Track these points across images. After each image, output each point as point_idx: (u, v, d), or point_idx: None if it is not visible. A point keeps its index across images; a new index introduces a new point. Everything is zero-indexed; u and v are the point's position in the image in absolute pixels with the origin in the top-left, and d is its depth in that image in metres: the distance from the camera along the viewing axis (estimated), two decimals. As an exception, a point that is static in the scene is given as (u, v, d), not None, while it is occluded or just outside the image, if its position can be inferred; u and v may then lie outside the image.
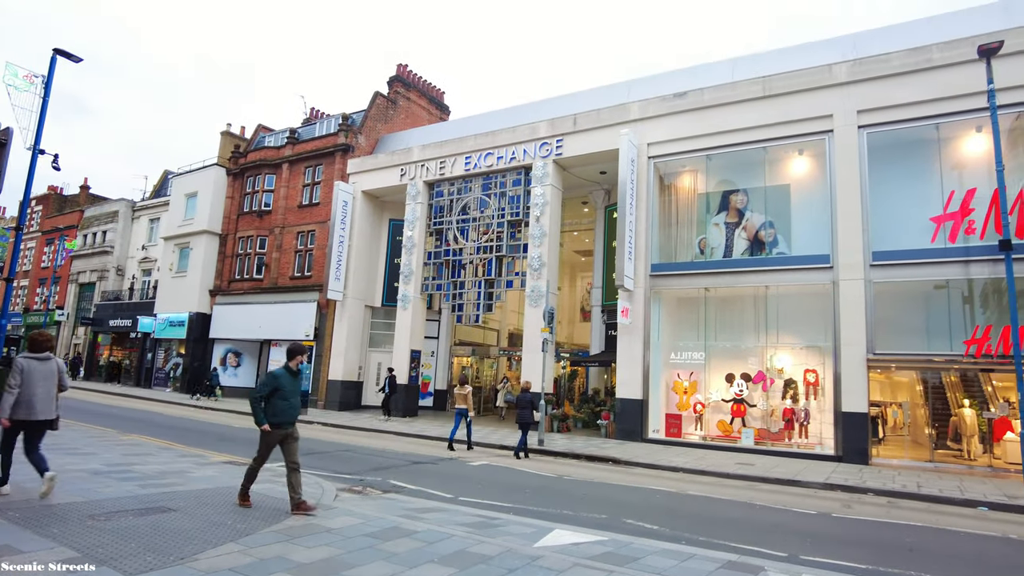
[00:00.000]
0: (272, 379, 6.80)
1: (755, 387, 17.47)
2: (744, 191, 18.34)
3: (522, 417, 14.43)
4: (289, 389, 6.85)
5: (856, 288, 15.49)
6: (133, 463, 9.16)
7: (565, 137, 20.74)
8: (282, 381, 6.80)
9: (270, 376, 6.83)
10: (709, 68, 20.66)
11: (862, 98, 16.20)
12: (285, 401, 6.79)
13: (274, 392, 6.75)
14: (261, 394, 6.72)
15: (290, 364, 7.01)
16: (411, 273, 23.42)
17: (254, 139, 33.92)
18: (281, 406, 6.77)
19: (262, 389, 6.74)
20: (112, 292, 37.94)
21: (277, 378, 6.80)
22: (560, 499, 8.99)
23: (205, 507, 6.75)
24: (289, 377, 6.90)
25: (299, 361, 7.08)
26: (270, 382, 6.78)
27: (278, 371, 6.91)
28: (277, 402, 6.75)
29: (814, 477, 12.33)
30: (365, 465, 11.34)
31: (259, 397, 6.71)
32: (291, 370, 6.97)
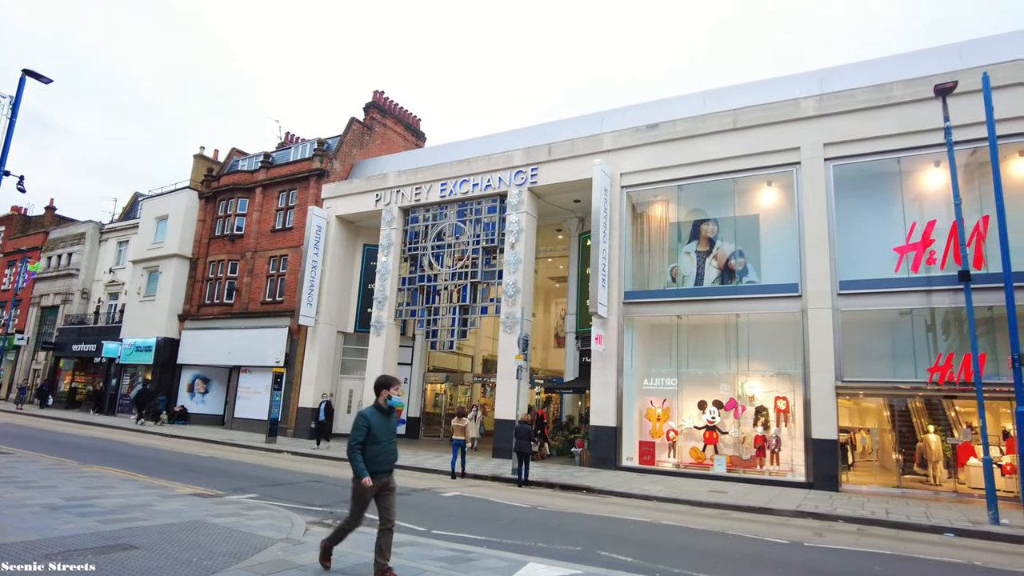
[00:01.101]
0: (364, 420, 5.83)
1: (727, 414, 17.62)
2: (715, 220, 18.69)
3: (520, 447, 14.76)
4: (382, 431, 5.91)
5: (824, 316, 15.81)
6: (94, 497, 8.85)
7: (540, 166, 20.98)
8: (373, 422, 5.85)
9: (360, 418, 5.87)
10: (681, 100, 21.15)
11: (828, 132, 16.70)
12: (378, 445, 5.85)
13: (367, 436, 5.83)
14: (358, 440, 5.77)
15: (379, 401, 6.02)
16: (385, 299, 23.29)
17: (227, 163, 33.66)
18: (373, 452, 5.82)
19: (358, 435, 5.79)
20: (76, 316, 36.99)
21: (368, 419, 5.85)
22: (534, 530, 8.91)
23: (171, 544, 6.54)
24: (380, 416, 5.95)
25: (388, 396, 6.03)
26: (362, 424, 5.82)
27: (367, 411, 5.95)
28: (369, 448, 5.81)
29: (786, 505, 12.42)
30: (336, 496, 11.12)
31: (357, 444, 5.76)
32: (381, 408, 6.00)
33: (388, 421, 5.99)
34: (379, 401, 6.01)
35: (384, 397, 6.00)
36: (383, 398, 6.00)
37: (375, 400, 6.06)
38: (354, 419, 5.94)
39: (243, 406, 27.24)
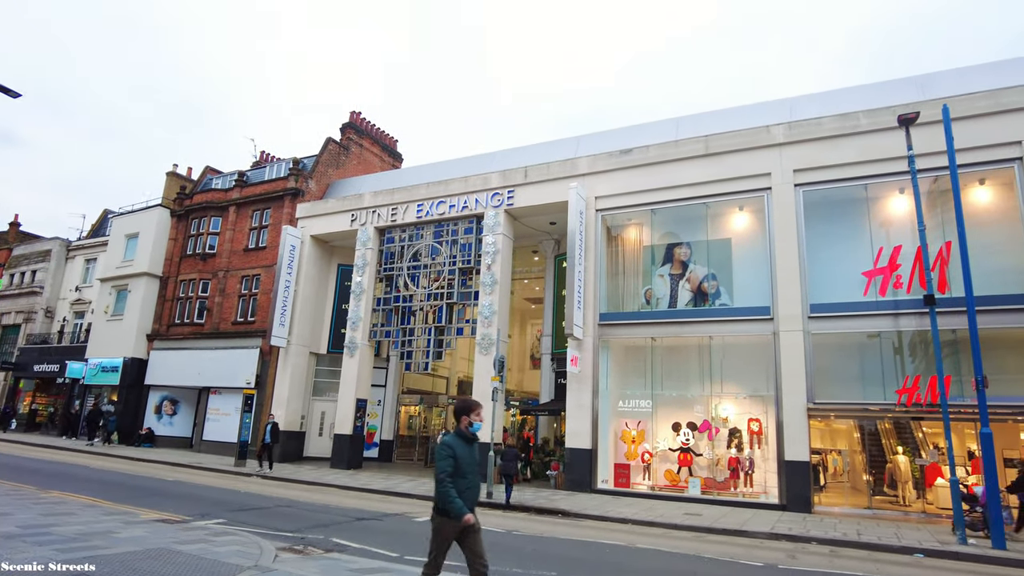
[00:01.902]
0: (449, 450, 5.19)
1: (701, 436, 17.71)
2: (688, 244, 18.96)
3: (507, 469, 15.21)
4: (468, 461, 5.26)
5: (795, 339, 16.06)
6: (52, 524, 8.53)
7: (516, 188, 21.12)
8: (459, 451, 5.20)
9: (444, 448, 5.23)
10: (654, 126, 21.54)
11: (798, 158, 17.13)
12: (464, 479, 5.20)
13: (454, 467, 5.18)
14: (448, 472, 5.13)
15: (460, 427, 5.39)
16: (359, 319, 23.08)
17: (201, 181, 33.29)
18: (460, 486, 5.16)
19: (446, 465, 5.15)
20: (39, 335, 35.97)
21: (453, 448, 5.19)
22: (509, 556, 8.81)
23: (132, 573, 6.31)
24: (464, 445, 5.29)
25: (469, 421, 5.38)
26: (448, 454, 5.17)
27: (450, 439, 5.30)
28: (457, 480, 5.17)
29: (760, 527, 12.47)
30: (306, 522, 10.89)
31: (448, 476, 5.12)
32: (464, 435, 5.34)
33: (472, 450, 5.35)
34: (460, 427, 5.37)
35: (466, 423, 5.36)
36: (464, 424, 5.37)
37: (456, 427, 5.44)
38: (437, 448, 5.33)
39: (212, 428, 26.63)
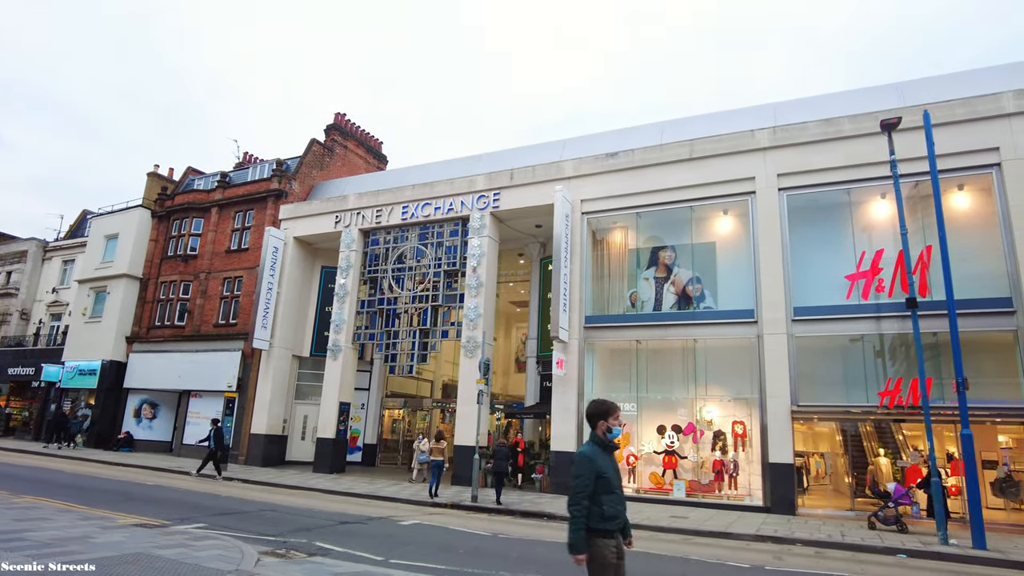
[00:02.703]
0: (589, 463, 4.40)
1: (685, 439, 17.75)
2: (672, 248, 19.03)
3: (498, 467, 15.75)
4: (613, 475, 4.49)
5: (779, 342, 16.16)
6: (26, 529, 8.31)
7: (502, 191, 21.09)
8: (601, 464, 4.44)
9: (584, 459, 4.43)
10: (639, 130, 21.63)
11: (782, 163, 17.28)
12: (611, 494, 4.41)
13: (597, 483, 4.38)
14: (586, 491, 4.32)
15: (597, 433, 4.62)
16: (343, 322, 22.89)
17: (183, 181, 32.86)
18: (608, 503, 4.38)
19: (584, 483, 4.33)
20: (14, 337, 35.27)
21: (593, 460, 4.42)
22: (494, 560, 8.73)
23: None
24: (605, 455, 4.55)
25: (607, 427, 4.61)
26: (589, 468, 4.38)
27: (588, 450, 4.52)
28: (601, 498, 4.37)
29: (745, 529, 12.51)
30: (289, 526, 10.73)
31: (583, 496, 4.32)
32: (602, 442, 4.59)
33: (612, 460, 4.61)
34: (597, 434, 4.60)
35: (603, 429, 4.59)
36: (602, 430, 4.59)
37: (591, 434, 4.65)
38: (576, 463, 4.48)
39: (193, 432, 26.21)
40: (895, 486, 13.58)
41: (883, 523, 13.28)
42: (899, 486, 13.65)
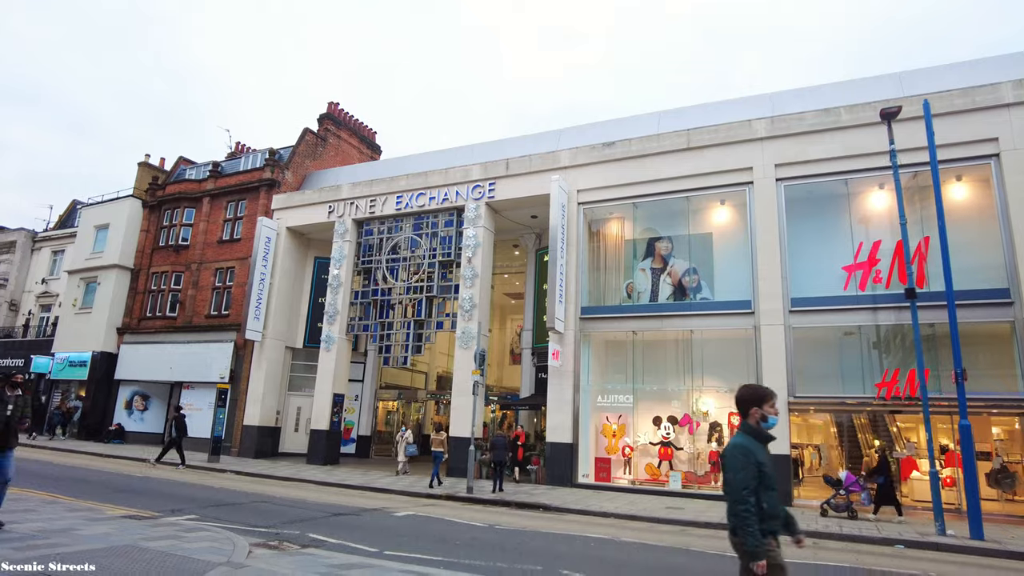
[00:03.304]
0: (747, 455, 3.95)
1: (681, 430, 17.68)
2: (669, 238, 18.90)
3: (498, 457, 16.26)
4: (770, 467, 4.03)
5: (776, 333, 16.07)
6: (9, 521, 8.07)
7: (498, 181, 20.89)
8: (761, 456, 3.99)
9: (741, 451, 3.98)
10: (636, 120, 21.43)
11: (779, 153, 17.13)
12: (772, 490, 3.97)
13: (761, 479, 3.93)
14: (750, 487, 3.89)
15: (750, 422, 4.14)
16: (336, 313, 22.68)
17: (174, 171, 32.47)
18: (768, 498, 3.94)
19: (746, 477, 3.90)
20: (3, 329, 34.87)
21: (753, 452, 3.97)
22: (492, 551, 8.61)
23: (96, 573, 5.97)
24: (763, 447, 4.08)
25: (761, 415, 4.11)
26: (747, 459, 3.94)
27: (744, 441, 4.06)
28: (761, 493, 3.93)
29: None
30: (282, 517, 10.57)
31: (749, 492, 3.89)
32: (759, 433, 4.12)
33: (768, 452, 4.12)
34: (750, 423, 4.13)
35: (757, 417, 4.11)
36: (756, 418, 4.12)
37: (742, 423, 4.20)
38: (730, 456, 4.04)
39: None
40: (846, 474, 13.87)
41: (835, 510, 13.53)
42: (850, 474, 13.90)
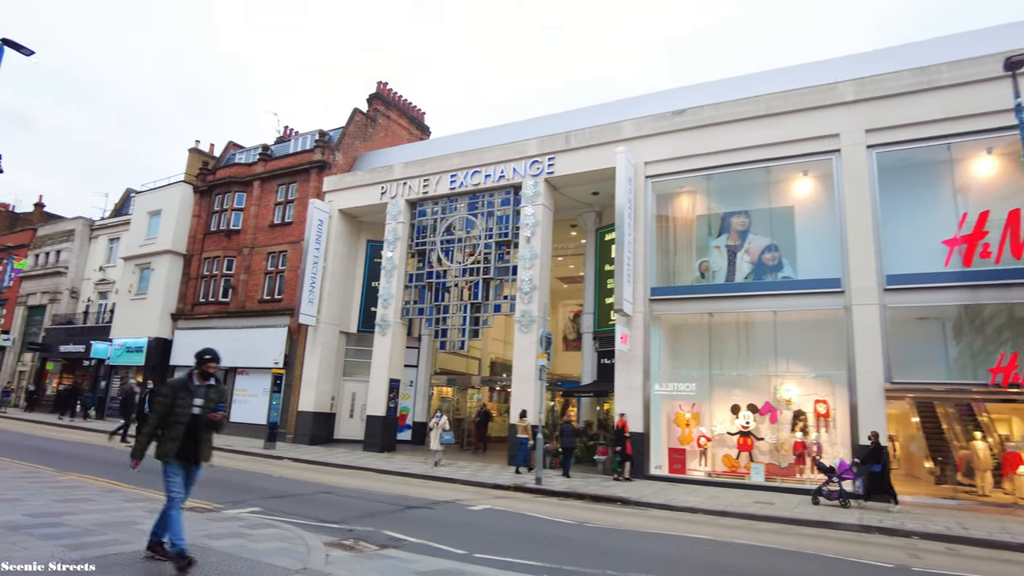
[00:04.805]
0: None
1: (762, 419, 16.44)
2: (746, 213, 17.56)
3: (566, 443, 16.61)
4: None
5: (870, 313, 14.66)
6: (66, 512, 7.52)
7: (557, 156, 19.79)
8: None
9: None
10: (704, 87, 20.07)
11: (870, 117, 15.62)
12: None
13: None
14: None
15: None
16: (390, 297, 22.00)
17: (224, 156, 32.30)
18: None
19: None
20: (64, 316, 35.49)
21: None
22: (591, 554, 7.64)
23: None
24: None
25: None
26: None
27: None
28: None
29: (845, 518, 11.25)
30: (350, 511, 9.82)
31: None
32: None
33: None
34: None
35: None
36: None
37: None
38: None
39: (240, 410, 25.82)
40: (840, 461, 13.44)
41: (827, 499, 13.13)
42: (844, 461, 13.40)
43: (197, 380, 5.82)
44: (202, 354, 5.86)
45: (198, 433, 5.75)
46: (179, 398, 5.68)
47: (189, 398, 5.70)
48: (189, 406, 5.68)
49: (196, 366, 5.84)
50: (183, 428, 5.65)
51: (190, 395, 5.72)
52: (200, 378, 5.84)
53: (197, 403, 5.71)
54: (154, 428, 5.68)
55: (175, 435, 5.62)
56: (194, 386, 5.77)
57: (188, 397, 5.70)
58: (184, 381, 5.78)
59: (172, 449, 5.61)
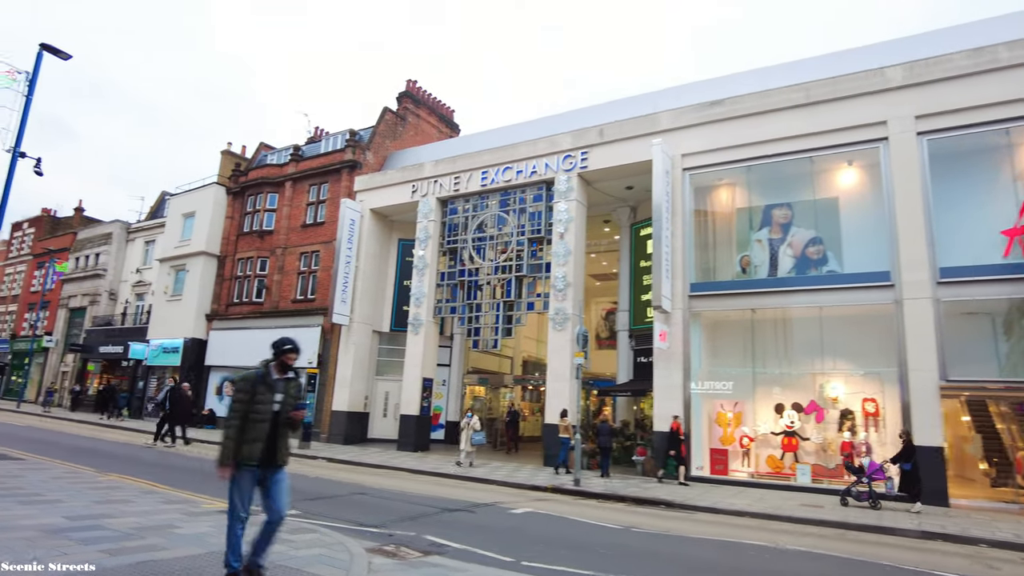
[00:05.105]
0: None
1: (807, 418, 15.86)
2: (788, 205, 16.96)
3: (604, 443, 16.40)
4: None
5: (923, 308, 13.99)
6: (105, 514, 7.43)
7: (590, 149, 19.40)
8: None
9: None
10: (742, 76, 19.51)
11: (920, 103, 14.91)
12: None
13: None
14: None
15: None
16: (423, 295, 21.85)
17: (255, 157, 32.58)
18: None
19: None
20: (103, 317, 36.20)
21: None
22: (643, 562, 7.28)
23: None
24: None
25: None
26: None
27: None
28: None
29: (903, 523, 10.70)
30: (389, 513, 9.60)
31: None
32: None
33: None
34: None
35: None
36: None
37: None
38: None
39: (274, 410, 25.99)
40: (869, 461, 13.00)
41: (856, 499, 12.78)
42: (873, 461, 12.99)
43: (275, 372, 5.18)
44: (281, 343, 5.21)
45: (276, 433, 5.13)
46: (258, 393, 5.05)
47: (269, 393, 5.08)
48: (270, 402, 5.07)
49: (274, 356, 5.18)
50: (266, 427, 5.03)
51: (270, 390, 5.10)
52: (279, 370, 5.19)
53: (277, 399, 5.10)
54: (239, 429, 4.99)
55: (256, 435, 4.98)
56: (273, 379, 5.14)
57: (268, 392, 5.08)
58: (262, 374, 5.12)
59: (255, 452, 4.98)
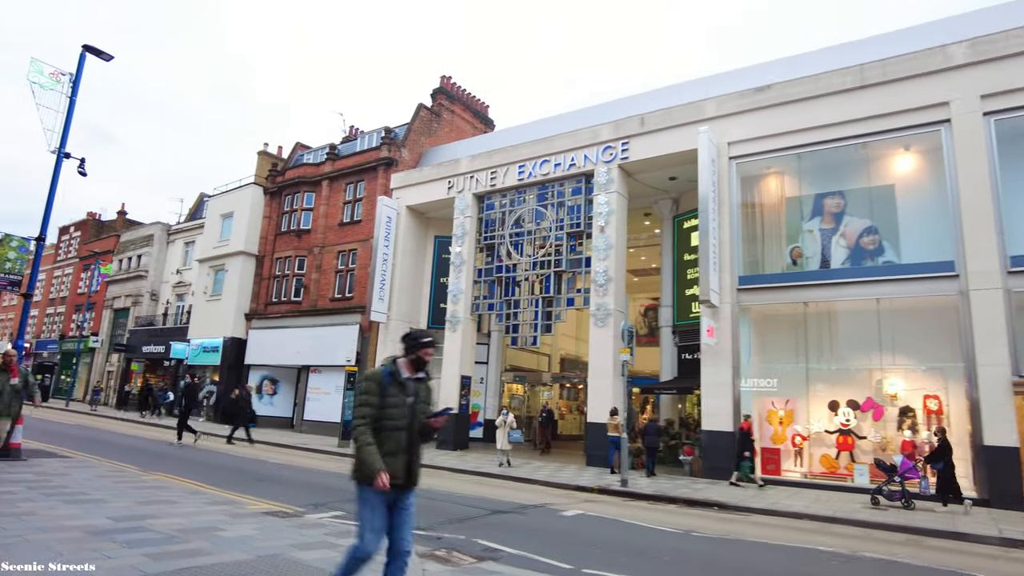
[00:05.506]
0: None
1: (864, 416, 15.14)
2: (840, 193, 16.23)
3: (650, 443, 16.05)
4: None
5: (993, 299, 13.18)
6: (149, 515, 7.27)
7: (631, 139, 18.87)
8: None
9: None
10: (789, 61, 18.78)
11: (986, 81, 14.07)
12: None
13: None
14: None
15: None
16: (460, 292, 21.59)
17: (292, 157, 32.77)
18: None
19: None
20: (145, 317, 36.89)
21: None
22: (709, 570, 6.83)
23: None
24: None
25: None
26: None
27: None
28: None
29: (977, 528, 10.01)
30: (435, 515, 9.30)
31: None
32: None
33: None
34: None
35: None
36: None
37: None
38: None
39: (313, 408, 26.07)
40: (902, 459, 12.79)
41: (888, 499, 12.32)
42: (906, 459, 12.78)
43: (406, 371, 4.23)
44: (418, 336, 4.29)
45: (412, 444, 4.19)
46: (390, 395, 4.10)
47: (402, 395, 4.15)
48: (404, 405, 4.14)
49: (406, 352, 4.25)
50: (403, 436, 4.11)
51: (402, 391, 4.16)
52: (410, 368, 4.25)
53: (409, 402, 4.18)
54: (371, 437, 4.05)
55: (394, 447, 4.06)
56: (404, 378, 4.20)
57: (400, 394, 4.14)
58: (391, 372, 4.17)
59: (397, 468, 4.05)
